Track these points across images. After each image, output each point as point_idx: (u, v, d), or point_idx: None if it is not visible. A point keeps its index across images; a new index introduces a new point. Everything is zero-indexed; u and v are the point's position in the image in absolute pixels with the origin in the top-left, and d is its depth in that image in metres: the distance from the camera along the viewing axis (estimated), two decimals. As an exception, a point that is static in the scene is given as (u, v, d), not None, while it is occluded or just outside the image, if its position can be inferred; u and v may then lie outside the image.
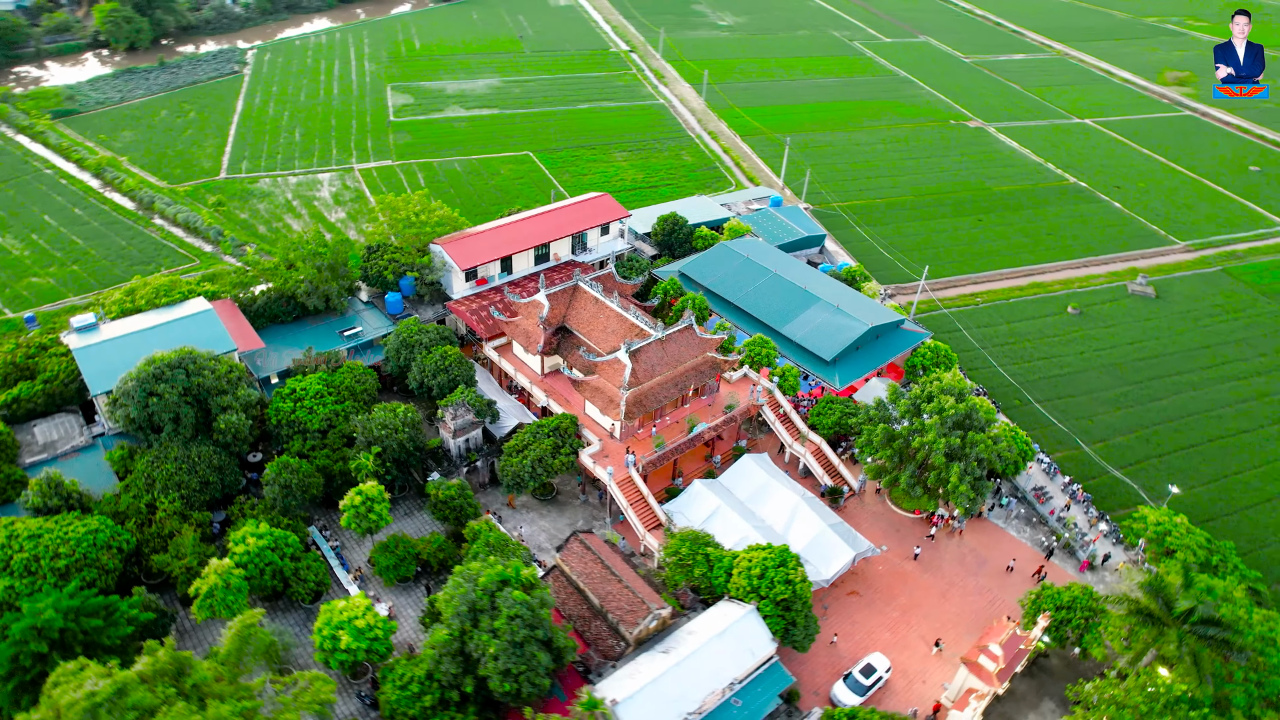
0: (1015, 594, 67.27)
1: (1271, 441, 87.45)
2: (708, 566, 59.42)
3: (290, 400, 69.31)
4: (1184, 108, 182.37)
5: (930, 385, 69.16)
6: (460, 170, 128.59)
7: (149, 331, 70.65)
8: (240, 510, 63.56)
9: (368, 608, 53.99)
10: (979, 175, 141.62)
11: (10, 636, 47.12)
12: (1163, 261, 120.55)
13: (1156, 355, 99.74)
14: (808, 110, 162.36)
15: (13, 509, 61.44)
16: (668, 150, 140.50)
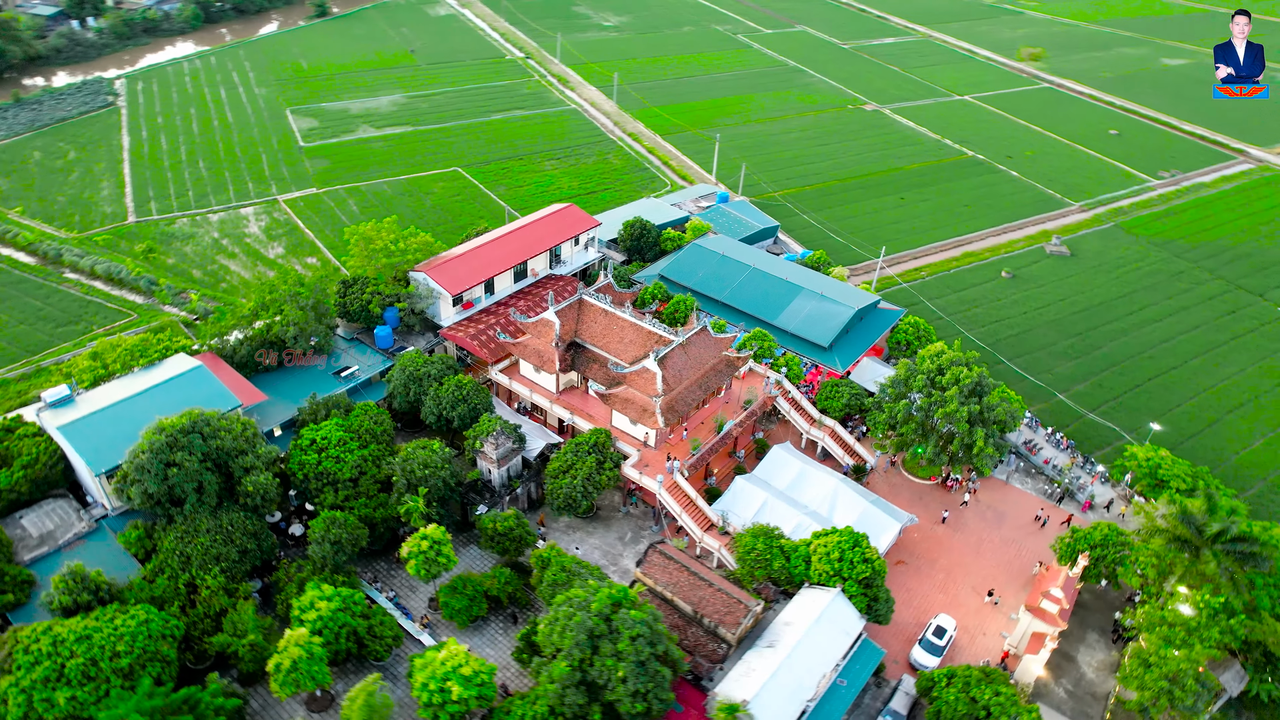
0: (1037, 542, 72.90)
1: (1202, 372, 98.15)
2: (784, 558, 61.00)
3: (313, 451, 65.38)
4: (1041, 80, 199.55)
5: (939, 359, 73.44)
6: (390, 192, 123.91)
7: (139, 398, 64.72)
8: (288, 574, 59.65)
9: (467, 654, 52.19)
10: (888, 156, 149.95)
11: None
12: (1065, 222, 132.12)
13: (1085, 308, 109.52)
14: (716, 105, 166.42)
15: (28, 612, 55.21)
16: (594, 155, 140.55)
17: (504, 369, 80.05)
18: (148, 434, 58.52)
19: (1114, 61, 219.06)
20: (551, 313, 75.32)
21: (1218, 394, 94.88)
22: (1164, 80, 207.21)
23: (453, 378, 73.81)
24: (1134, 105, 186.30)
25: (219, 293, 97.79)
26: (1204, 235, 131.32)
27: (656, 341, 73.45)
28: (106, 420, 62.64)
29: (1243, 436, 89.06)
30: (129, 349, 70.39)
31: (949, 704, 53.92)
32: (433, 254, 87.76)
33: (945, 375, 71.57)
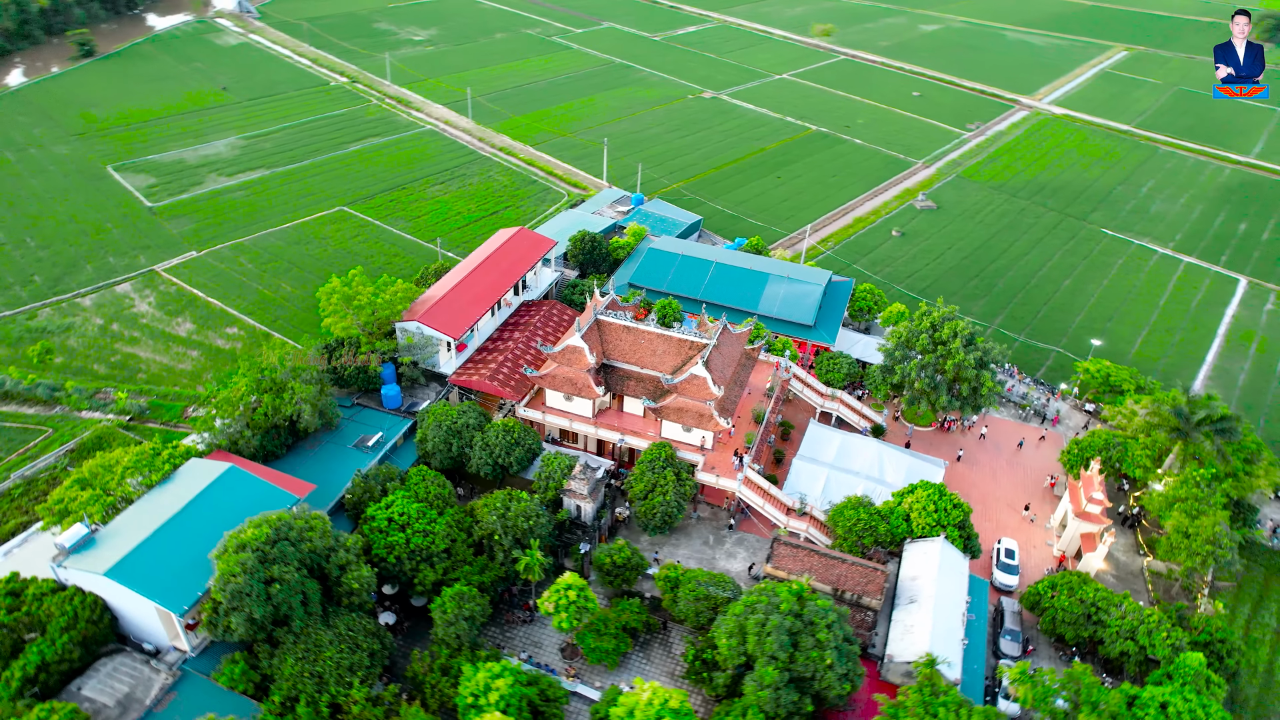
0: (1034, 461, 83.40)
1: (1077, 291, 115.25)
2: (885, 521, 65.66)
3: (395, 529, 60.55)
4: (836, 53, 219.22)
5: (929, 317, 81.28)
6: (282, 242, 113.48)
7: (182, 517, 56.37)
8: (427, 665, 55.41)
9: (663, 690, 51.92)
10: (746, 139, 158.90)
11: None
12: (919, 178, 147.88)
13: (969, 252, 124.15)
14: (567, 109, 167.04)
15: (152, 792, 47.28)
16: (477, 176, 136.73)
17: (527, 403, 77.75)
18: (230, 554, 51.74)
19: (884, 31, 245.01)
20: (578, 337, 74.25)
21: (1097, 306, 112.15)
22: (927, 44, 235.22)
23: (497, 422, 70.98)
24: (917, 68, 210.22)
25: (142, 385, 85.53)
26: (1022, 175, 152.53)
27: (689, 348, 74.96)
28: (157, 552, 54.17)
29: (1128, 337, 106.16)
30: (130, 467, 60.76)
31: (1064, 609, 61.42)
32: (409, 300, 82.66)
33: (943, 330, 79.50)
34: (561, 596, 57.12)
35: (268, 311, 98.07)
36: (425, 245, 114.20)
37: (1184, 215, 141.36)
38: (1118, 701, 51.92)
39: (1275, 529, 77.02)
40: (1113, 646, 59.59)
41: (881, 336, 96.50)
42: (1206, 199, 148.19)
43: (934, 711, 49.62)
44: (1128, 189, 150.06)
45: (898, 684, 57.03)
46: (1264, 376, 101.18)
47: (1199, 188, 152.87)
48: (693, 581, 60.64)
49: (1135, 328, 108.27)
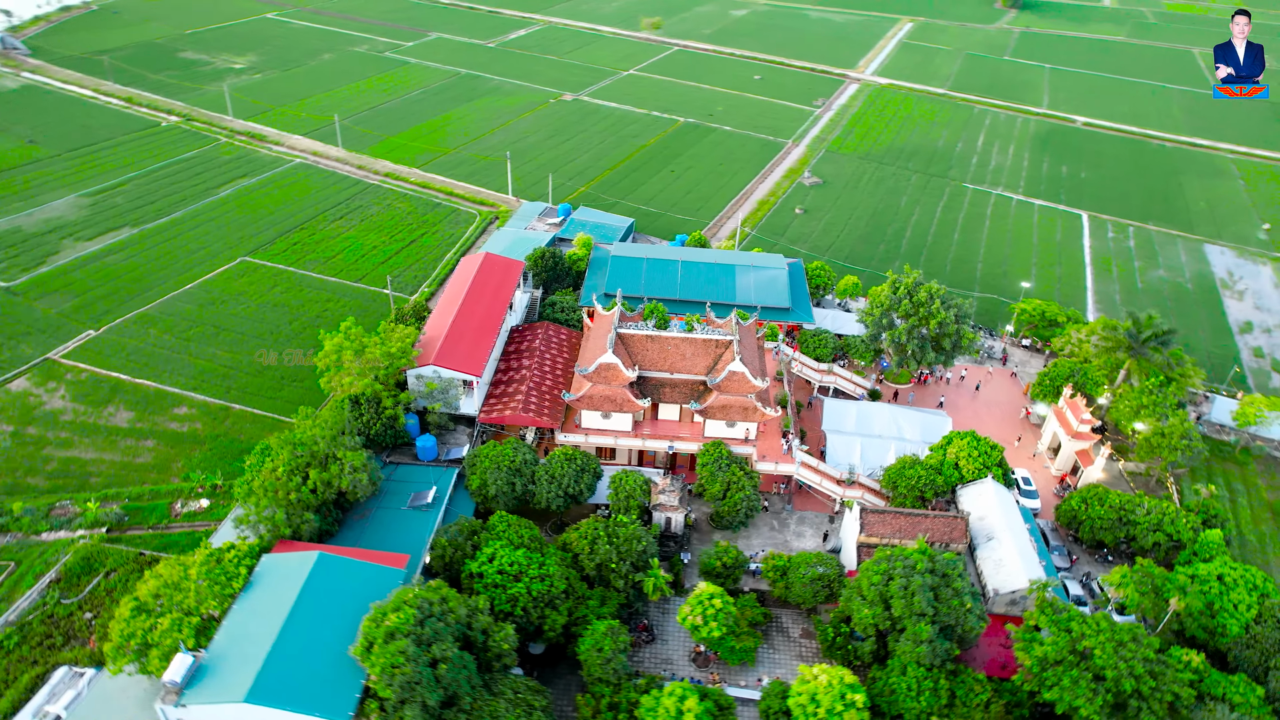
0: (1003, 397, 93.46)
1: (967, 243, 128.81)
2: (939, 474, 71.66)
3: (512, 580, 58.31)
4: (669, 44, 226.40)
5: (902, 284, 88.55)
6: (192, 304, 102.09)
7: (295, 619, 51.09)
8: (594, 708, 54.37)
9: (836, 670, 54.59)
10: (625, 137, 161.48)
11: None
12: (795, 157, 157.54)
13: (868, 220, 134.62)
14: (433, 126, 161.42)
15: None
16: (375, 206, 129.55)
17: (561, 428, 76.59)
18: (381, 645, 48.03)
19: (701, 19, 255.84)
20: (610, 354, 74.17)
21: (989, 253, 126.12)
22: (744, 28, 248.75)
23: (557, 452, 69.71)
24: (745, 52, 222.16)
25: (105, 491, 74.91)
26: (879, 144, 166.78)
27: (716, 347, 77.16)
28: (290, 662, 48.97)
29: (1023, 275, 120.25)
30: (205, 577, 54.06)
31: (1099, 517, 70.37)
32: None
33: (919, 293, 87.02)
34: (707, 606, 57.94)
35: (215, 383, 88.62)
36: (356, 286, 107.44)
37: (1017, 165, 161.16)
38: (1183, 582, 60.89)
39: (1199, 417, 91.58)
40: (1146, 539, 69.18)
41: (835, 309, 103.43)
42: (1028, 148, 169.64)
43: (1067, 627, 55.80)
44: (966, 146, 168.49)
45: (1003, 614, 63.21)
46: (1132, 293, 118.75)
47: (1018, 139, 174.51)
48: (802, 565, 63.43)
49: (1024, 266, 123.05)
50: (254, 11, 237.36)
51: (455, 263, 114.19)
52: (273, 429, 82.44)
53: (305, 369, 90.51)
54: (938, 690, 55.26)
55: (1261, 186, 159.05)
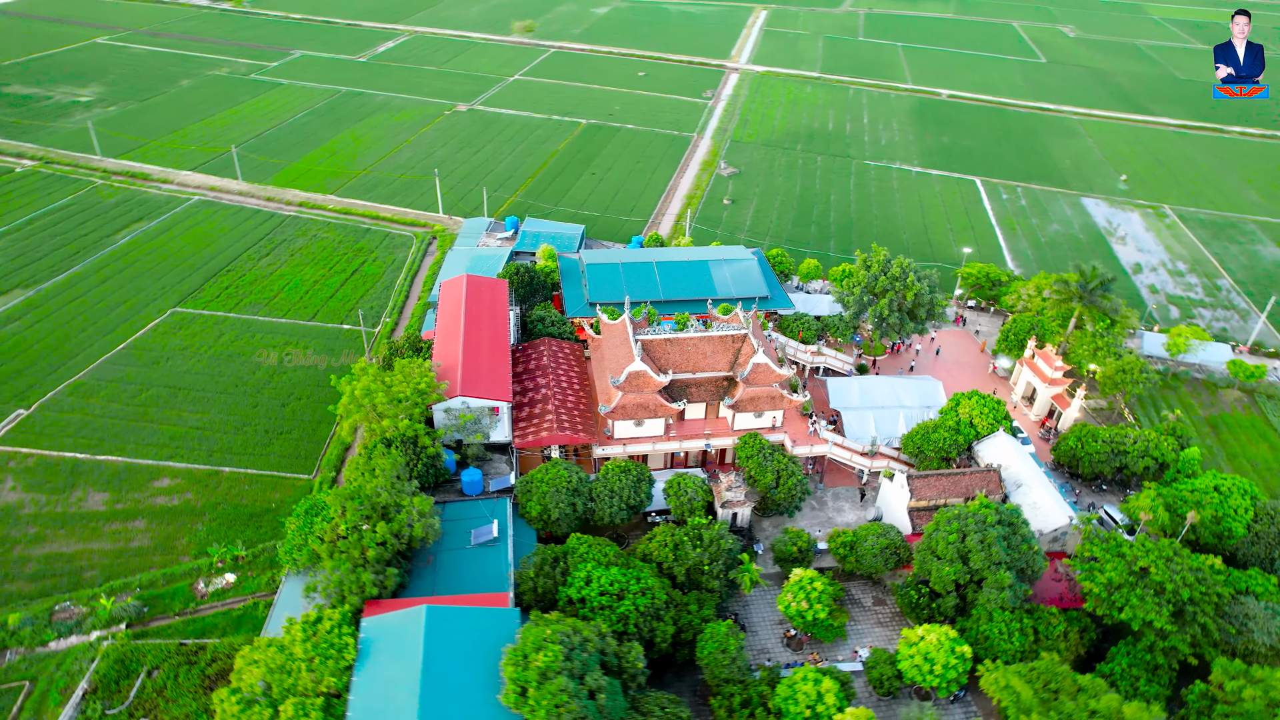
0: (966, 356, 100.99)
1: (885, 205, 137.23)
2: (958, 434, 77.02)
3: (616, 599, 58.07)
4: (545, 47, 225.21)
5: (877, 259, 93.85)
6: (132, 368, 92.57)
7: (431, 681, 48.56)
8: (729, 707, 55.26)
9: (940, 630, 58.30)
10: (535, 143, 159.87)
11: None
12: (704, 149, 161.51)
13: (791, 203, 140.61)
14: (331, 149, 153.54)
15: None
16: (300, 239, 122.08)
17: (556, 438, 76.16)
18: (536, 690, 46.88)
19: (566, 19, 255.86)
20: (638, 362, 74.55)
21: (906, 223, 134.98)
22: (610, 26, 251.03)
23: (609, 465, 69.57)
24: (619, 49, 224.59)
25: (107, 585, 67.57)
26: (777, 130, 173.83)
27: (733, 342, 79.16)
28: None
29: (945, 242, 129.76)
30: (314, 655, 50.46)
31: (1096, 452, 78.04)
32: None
33: (893, 268, 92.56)
34: (809, 590, 60.06)
35: (192, 448, 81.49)
36: (312, 325, 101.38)
37: (905, 139, 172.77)
38: (1196, 497, 68.99)
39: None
40: (1137, 465, 77.40)
41: (797, 293, 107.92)
42: (908, 123, 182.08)
43: (1119, 552, 62.05)
44: (855, 126, 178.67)
45: (1048, 551, 69.22)
46: (1039, 248, 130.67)
47: (896, 115, 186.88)
48: (869, 538, 66.73)
49: (941, 233, 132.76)
50: (80, 38, 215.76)
51: (408, 289, 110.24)
52: (275, 488, 77.59)
53: (296, 418, 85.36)
54: (1025, 630, 60.09)
55: (1107, 142, 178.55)
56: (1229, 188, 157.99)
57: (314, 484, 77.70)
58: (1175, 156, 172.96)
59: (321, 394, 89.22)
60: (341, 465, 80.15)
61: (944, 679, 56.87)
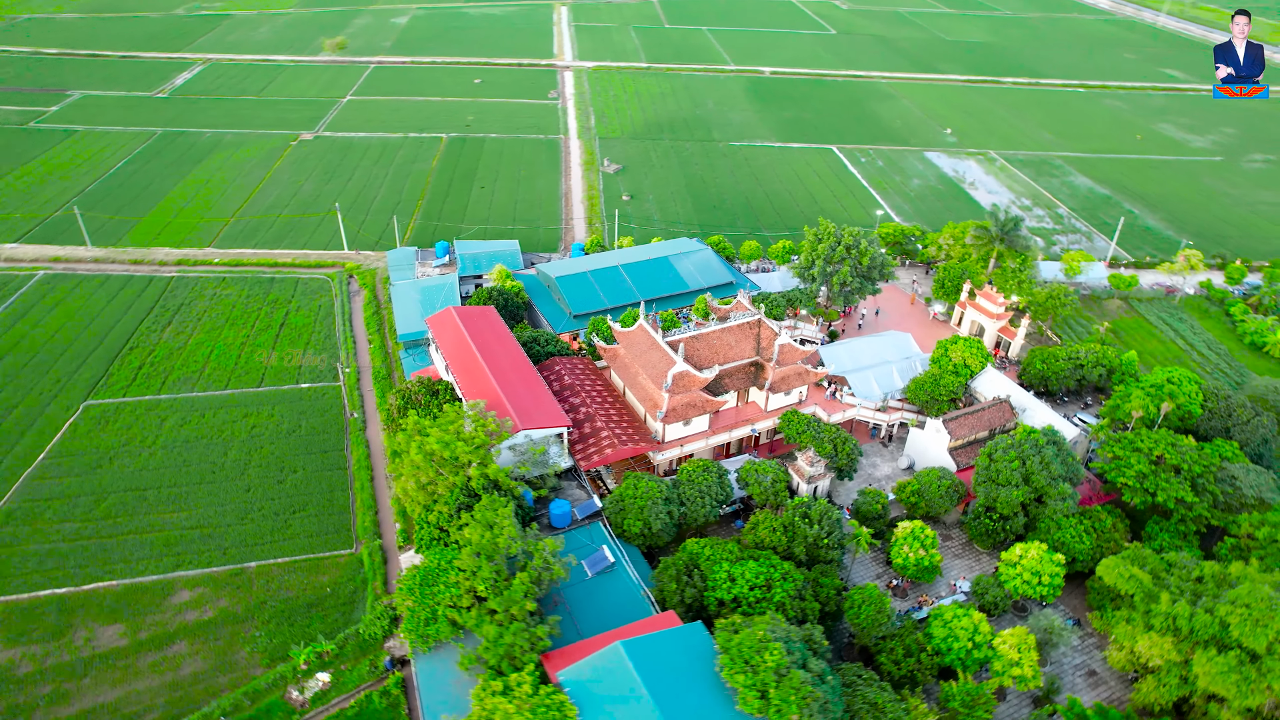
0: (904, 308, 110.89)
1: (744, 181, 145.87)
2: (957, 376, 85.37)
3: (764, 590, 59.80)
4: (365, 63, 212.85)
5: (827, 231, 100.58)
6: (67, 477, 79.58)
7: (669, 714, 48.60)
8: (896, 657, 59.03)
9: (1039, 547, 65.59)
10: (401, 163, 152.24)
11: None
12: (576, 149, 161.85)
13: (690, 191, 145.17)
14: (181, 198, 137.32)
15: None
16: (196, 300, 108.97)
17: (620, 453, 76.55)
18: (777, 689, 47.97)
19: (370, 32, 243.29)
20: (680, 364, 75.74)
21: (797, 194, 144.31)
22: (419, 35, 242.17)
23: (688, 466, 70.59)
24: (441, 58, 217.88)
25: (174, 713, 58.98)
26: (634, 122, 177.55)
27: (750, 328, 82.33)
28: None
29: (828, 209, 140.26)
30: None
31: (1060, 370, 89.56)
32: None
33: (846, 238, 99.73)
34: (923, 539, 65.01)
35: (199, 550, 71.97)
36: (269, 390, 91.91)
37: (752, 117, 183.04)
38: (1168, 389, 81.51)
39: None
40: (1093, 374, 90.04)
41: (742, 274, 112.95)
42: (747, 103, 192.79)
43: (1136, 447, 72.64)
44: (703, 110, 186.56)
45: (1064, 461, 79.11)
46: (912, 201, 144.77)
47: (734, 96, 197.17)
48: (933, 483, 72.94)
49: (828, 200, 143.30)
50: None
51: (351, 334, 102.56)
52: (317, 571, 71.13)
53: (302, 492, 77.86)
54: (1089, 531, 69.03)
55: (919, 101, 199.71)
56: (1028, 131, 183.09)
57: (362, 557, 71.79)
58: (977, 108, 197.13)
59: (318, 461, 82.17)
60: (378, 529, 74.52)
61: (1050, 588, 64.18)
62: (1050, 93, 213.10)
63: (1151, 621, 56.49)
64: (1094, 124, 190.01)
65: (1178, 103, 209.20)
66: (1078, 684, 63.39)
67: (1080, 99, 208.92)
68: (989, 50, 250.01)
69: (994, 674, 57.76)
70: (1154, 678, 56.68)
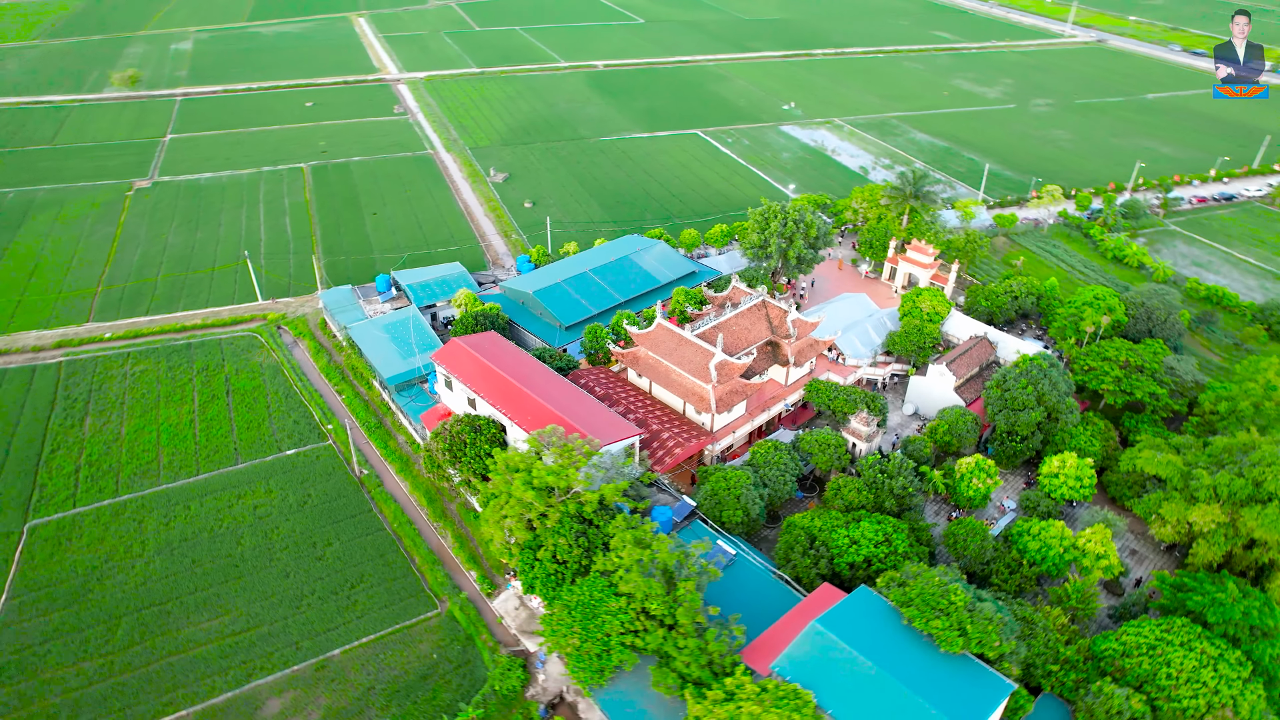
0: (834, 274, 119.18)
1: (652, 169, 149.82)
2: (934, 323, 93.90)
3: (887, 543, 63.90)
4: (170, 97, 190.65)
5: (771, 209, 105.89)
6: (58, 612, 67.91)
7: (894, 672, 51.37)
8: (1005, 575, 65.36)
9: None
10: (271, 202, 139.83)
11: None
12: (452, 162, 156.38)
13: (591, 191, 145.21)
14: (18, 268, 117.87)
15: None
16: (102, 386, 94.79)
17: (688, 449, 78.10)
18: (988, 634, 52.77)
19: (148, 61, 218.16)
20: (719, 356, 77.67)
21: (689, 180, 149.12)
22: (218, 61, 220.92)
23: (758, 449, 73.07)
24: (255, 84, 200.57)
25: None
26: (499, 129, 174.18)
27: (760, 309, 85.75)
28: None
29: (718, 191, 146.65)
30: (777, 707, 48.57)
31: (1003, 304, 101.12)
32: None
33: (791, 212, 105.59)
34: (985, 469, 72.15)
35: (261, 654, 64.18)
36: (248, 468, 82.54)
37: (610, 111, 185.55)
38: (1105, 305, 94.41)
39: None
40: (1026, 302, 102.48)
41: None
42: (596, 97, 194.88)
43: (1107, 356, 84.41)
44: (560, 108, 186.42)
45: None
46: (788, 171, 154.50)
47: (582, 92, 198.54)
48: (959, 421, 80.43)
49: (719, 181, 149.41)
50: None
51: (312, 389, 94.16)
52: (414, 640, 66.78)
53: (352, 563, 71.66)
54: (1096, 435, 79.55)
55: (751, 78, 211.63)
56: (856, 97, 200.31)
57: (453, 613, 67.69)
58: (802, 81, 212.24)
59: (350, 528, 75.87)
60: (453, 582, 70.43)
61: (1089, 489, 73.58)
62: (857, 60, 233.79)
63: (1196, 494, 66.79)
64: (905, 85, 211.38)
65: (959, 61, 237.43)
66: (1127, 562, 73.38)
67: (883, 64, 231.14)
68: (787, 26, 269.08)
69: (1083, 570, 65.73)
70: (1204, 540, 67.14)
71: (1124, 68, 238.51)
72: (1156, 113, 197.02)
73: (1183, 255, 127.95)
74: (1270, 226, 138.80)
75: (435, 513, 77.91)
